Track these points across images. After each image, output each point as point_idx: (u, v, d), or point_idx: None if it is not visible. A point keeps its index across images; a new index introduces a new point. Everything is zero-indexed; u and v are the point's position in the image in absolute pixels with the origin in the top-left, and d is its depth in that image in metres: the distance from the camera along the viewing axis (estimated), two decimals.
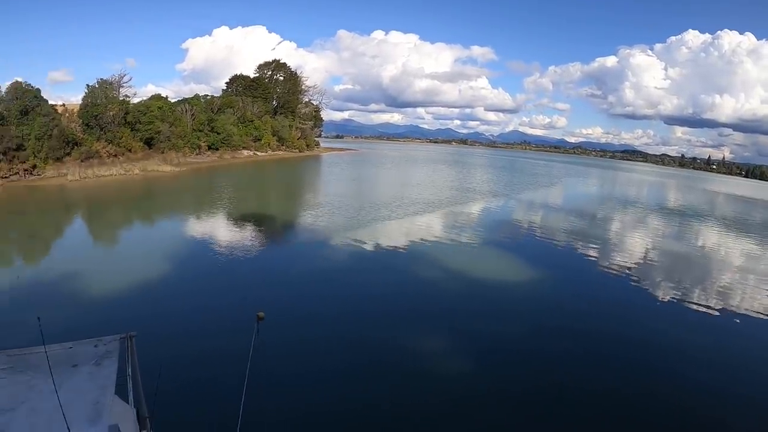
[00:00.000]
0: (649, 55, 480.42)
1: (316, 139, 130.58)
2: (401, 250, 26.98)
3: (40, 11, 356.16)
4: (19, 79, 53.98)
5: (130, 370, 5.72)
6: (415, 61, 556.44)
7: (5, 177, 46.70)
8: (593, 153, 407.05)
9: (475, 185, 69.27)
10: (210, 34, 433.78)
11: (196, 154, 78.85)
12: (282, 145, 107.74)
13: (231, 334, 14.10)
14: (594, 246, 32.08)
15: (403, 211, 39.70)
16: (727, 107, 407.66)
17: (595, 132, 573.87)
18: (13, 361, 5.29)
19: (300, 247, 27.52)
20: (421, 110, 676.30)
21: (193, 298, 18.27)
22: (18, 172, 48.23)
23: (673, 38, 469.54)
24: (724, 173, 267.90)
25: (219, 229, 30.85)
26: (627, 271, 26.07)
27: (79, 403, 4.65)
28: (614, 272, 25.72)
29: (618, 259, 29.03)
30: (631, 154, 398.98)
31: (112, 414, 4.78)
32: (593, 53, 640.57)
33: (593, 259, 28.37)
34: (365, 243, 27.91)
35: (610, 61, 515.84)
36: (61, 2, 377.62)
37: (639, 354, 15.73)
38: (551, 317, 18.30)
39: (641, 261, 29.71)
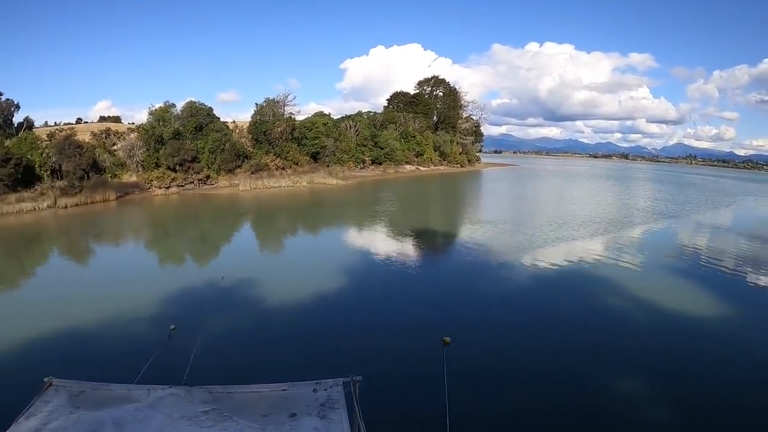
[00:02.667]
0: None
1: (476, 154, 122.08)
2: (583, 273, 24.57)
3: (210, 38, 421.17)
4: (193, 99, 57.14)
5: (361, 424, 4.45)
6: (571, 72, 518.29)
7: (181, 185, 48.36)
8: (766, 167, 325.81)
9: (649, 204, 59.55)
10: (367, 54, 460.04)
11: (360, 168, 76.33)
12: (443, 160, 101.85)
13: (419, 360, 12.85)
14: None
15: (584, 231, 35.94)
16: None
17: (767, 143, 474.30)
18: (216, 400, 4.46)
19: (477, 266, 25.30)
20: (579, 123, 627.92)
21: (376, 318, 17.25)
22: (193, 182, 49.52)
23: None
24: None
25: (392, 243, 29.84)
26: None
27: None
28: None
29: None
30: None
31: None
32: (760, 53, 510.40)
33: None
34: (545, 264, 25.52)
35: None
36: (226, 30, 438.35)
37: None
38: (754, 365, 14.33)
39: None
